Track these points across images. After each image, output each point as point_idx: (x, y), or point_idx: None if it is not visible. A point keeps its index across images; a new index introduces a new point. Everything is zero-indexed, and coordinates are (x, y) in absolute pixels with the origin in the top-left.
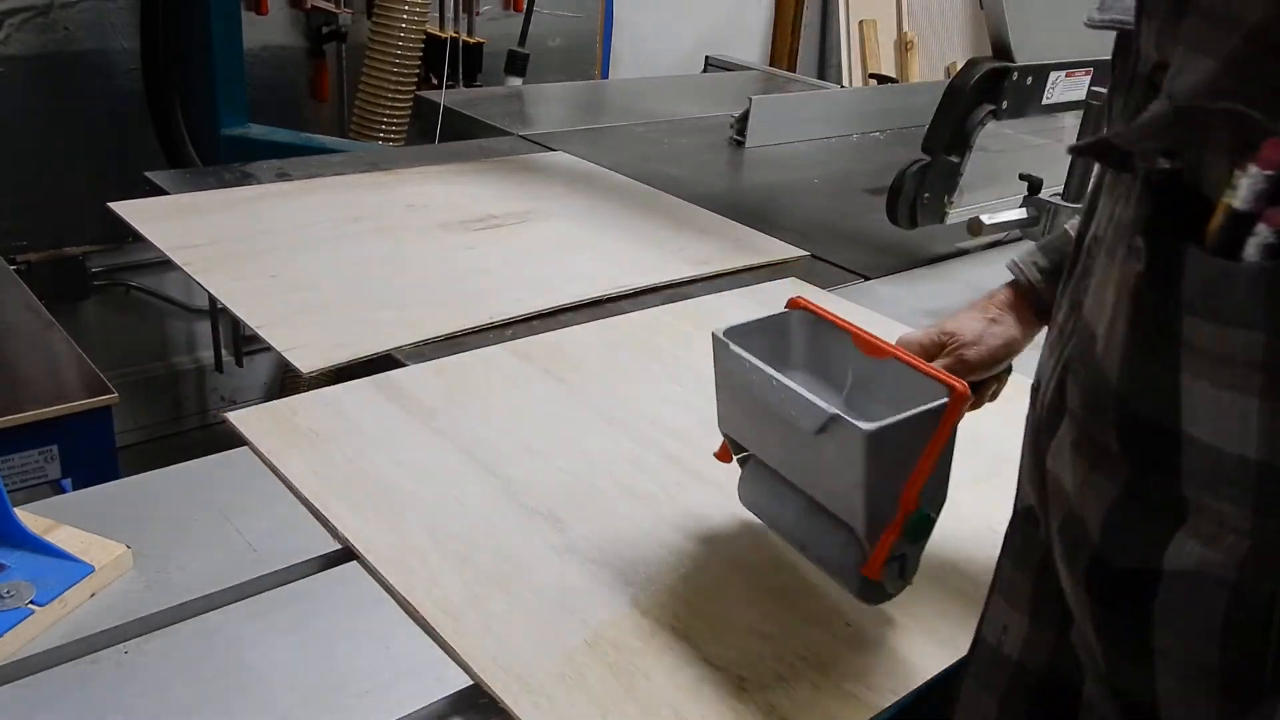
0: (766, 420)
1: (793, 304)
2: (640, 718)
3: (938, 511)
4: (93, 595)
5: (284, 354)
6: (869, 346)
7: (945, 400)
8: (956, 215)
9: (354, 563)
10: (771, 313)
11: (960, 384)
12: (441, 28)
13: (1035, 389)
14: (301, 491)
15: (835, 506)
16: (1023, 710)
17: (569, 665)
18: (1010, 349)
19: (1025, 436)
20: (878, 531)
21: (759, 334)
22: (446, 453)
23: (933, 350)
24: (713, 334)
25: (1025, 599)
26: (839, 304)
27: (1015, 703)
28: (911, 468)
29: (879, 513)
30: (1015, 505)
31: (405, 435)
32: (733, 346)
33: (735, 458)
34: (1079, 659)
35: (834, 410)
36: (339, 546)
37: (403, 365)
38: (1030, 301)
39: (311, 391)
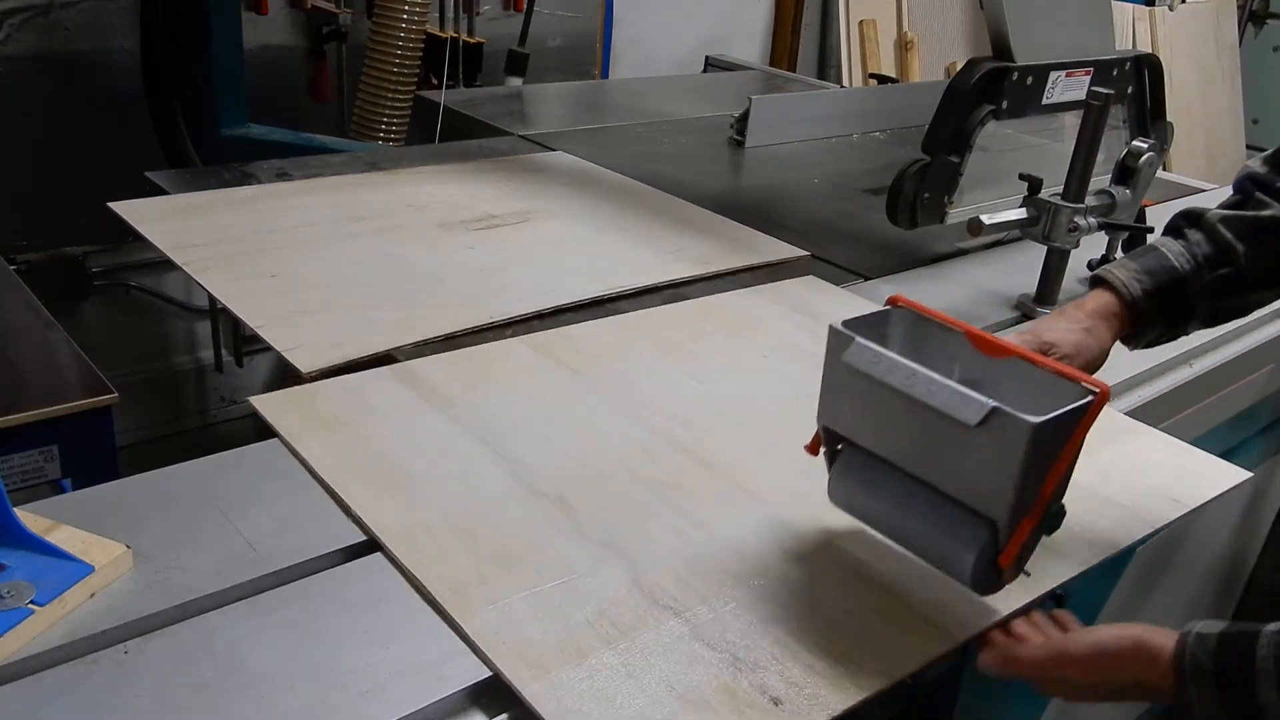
0: (892, 414)
1: (892, 301)
2: (637, 694)
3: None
4: (93, 595)
5: (284, 354)
6: (989, 346)
7: (1092, 398)
8: (956, 215)
9: (356, 561)
10: (874, 309)
11: (1104, 385)
12: (441, 28)
13: None
14: (319, 473)
15: (971, 499)
16: None
17: (569, 641)
18: (1102, 360)
19: None
20: (1017, 521)
21: (864, 329)
22: (463, 440)
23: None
24: (830, 327)
25: None
26: (850, 300)
27: None
28: (1052, 462)
29: (1022, 504)
30: None
31: (423, 422)
32: (862, 341)
33: (824, 451)
34: None
35: (994, 403)
36: (347, 544)
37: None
38: (1131, 316)
39: (333, 378)
